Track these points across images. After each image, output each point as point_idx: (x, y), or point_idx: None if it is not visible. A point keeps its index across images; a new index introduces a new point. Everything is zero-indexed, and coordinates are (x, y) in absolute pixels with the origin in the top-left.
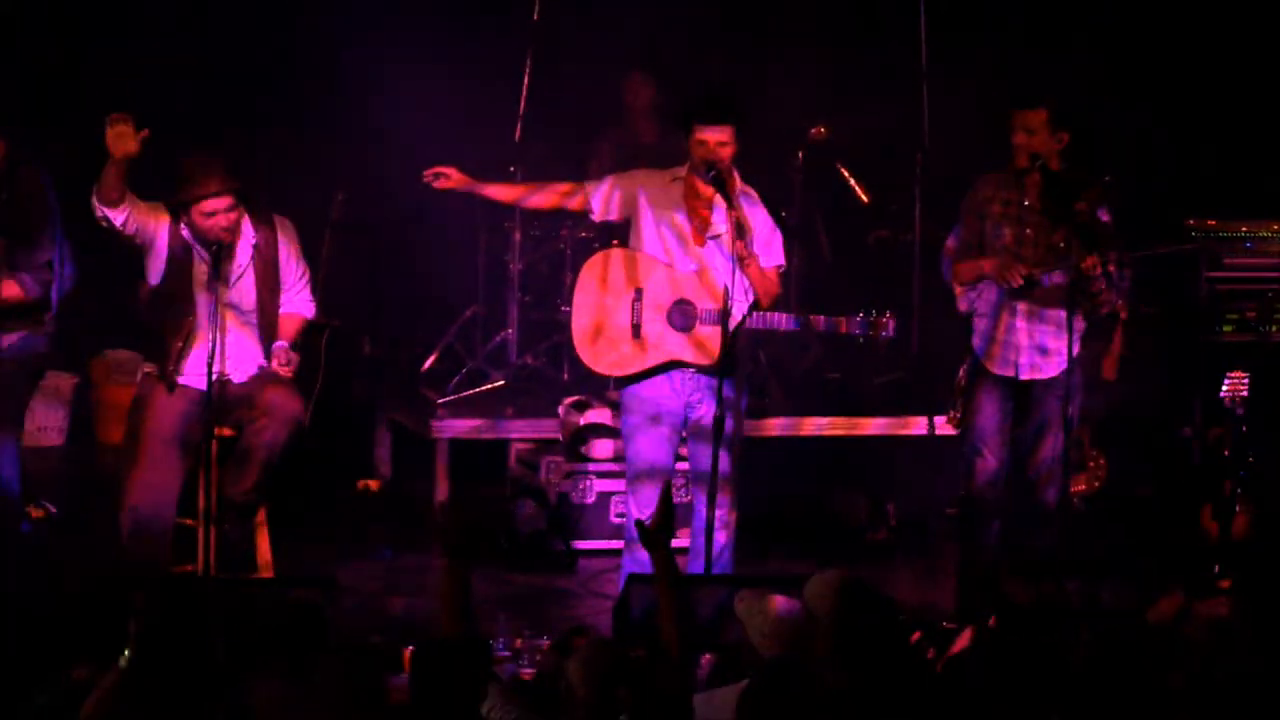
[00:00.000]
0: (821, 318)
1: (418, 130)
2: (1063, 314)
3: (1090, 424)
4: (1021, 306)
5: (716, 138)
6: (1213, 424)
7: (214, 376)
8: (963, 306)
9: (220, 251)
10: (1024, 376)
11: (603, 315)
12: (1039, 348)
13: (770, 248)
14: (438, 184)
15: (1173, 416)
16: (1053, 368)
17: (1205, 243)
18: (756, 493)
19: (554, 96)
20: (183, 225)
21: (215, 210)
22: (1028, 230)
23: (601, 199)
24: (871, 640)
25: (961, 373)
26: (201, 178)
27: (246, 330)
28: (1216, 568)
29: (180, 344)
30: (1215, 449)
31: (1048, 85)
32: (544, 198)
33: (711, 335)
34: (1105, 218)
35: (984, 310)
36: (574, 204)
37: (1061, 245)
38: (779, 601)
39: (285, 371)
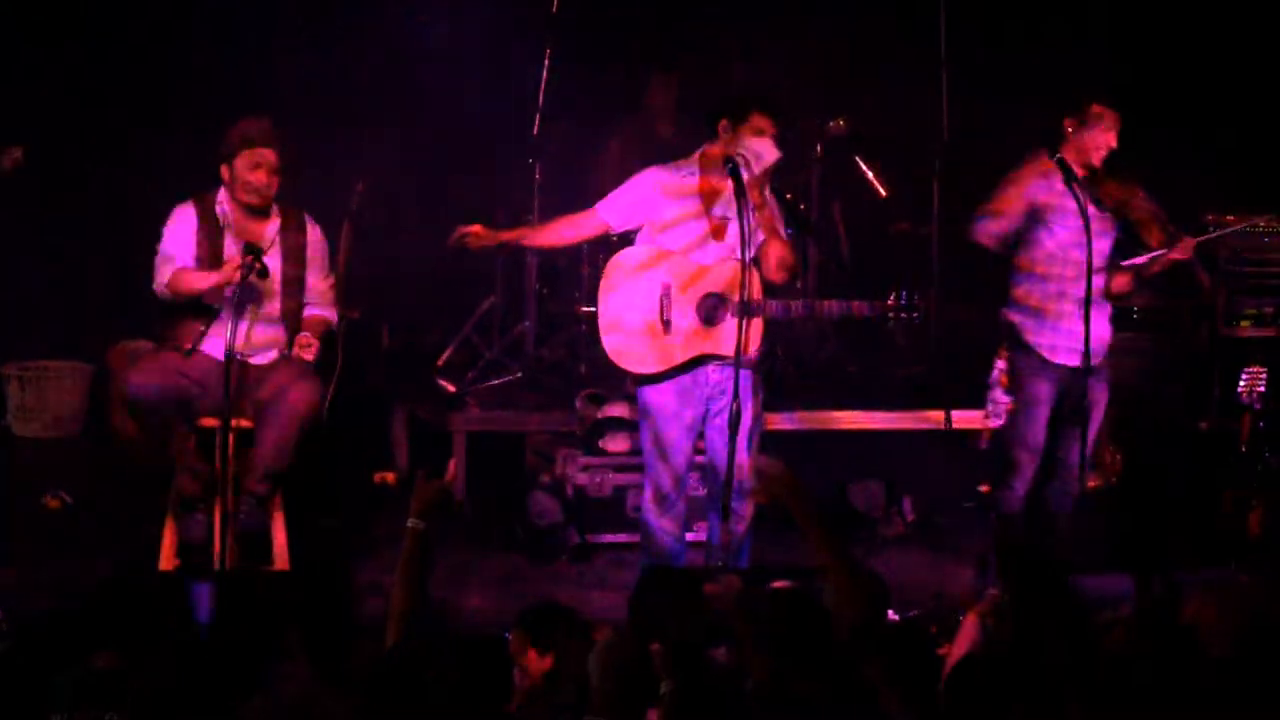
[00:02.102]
0: (862, 302)
1: (438, 121)
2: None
3: (1107, 419)
4: (1080, 295)
5: (757, 125)
6: (1230, 419)
7: (234, 358)
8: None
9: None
10: (1083, 364)
11: (631, 312)
12: (1098, 336)
13: (784, 237)
14: (467, 243)
15: (1190, 411)
16: (1102, 355)
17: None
18: None
19: (571, 92)
20: (219, 200)
21: (260, 162)
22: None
23: (617, 213)
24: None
25: (1001, 366)
26: (253, 130)
27: (269, 315)
28: (1233, 563)
29: (203, 327)
30: (1232, 444)
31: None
32: (564, 233)
33: (736, 326)
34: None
35: (1039, 301)
36: (591, 230)
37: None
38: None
39: (306, 354)
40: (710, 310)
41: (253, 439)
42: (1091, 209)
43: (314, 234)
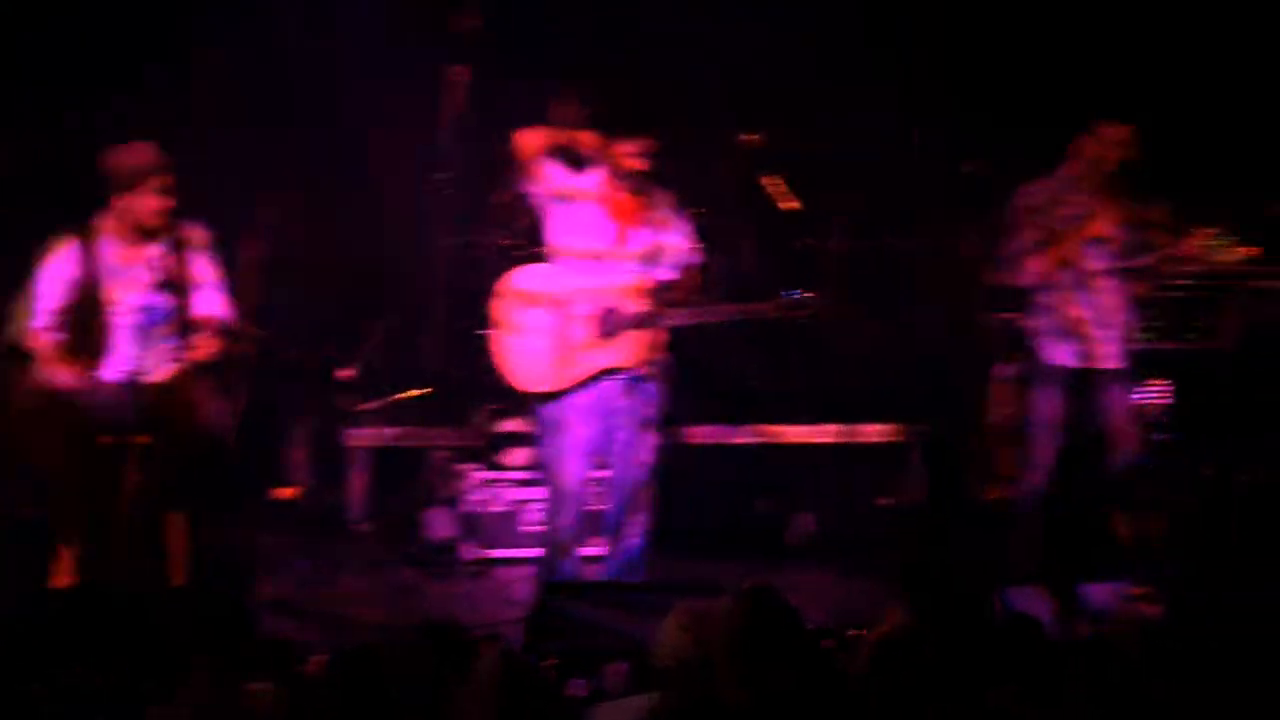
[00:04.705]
0: (743, 305)
1: (353, 135)
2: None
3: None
4: (1099, 298)
5: (635, 149)
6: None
7: (130, 376)
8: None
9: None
10: (1089, 365)
11: (528, 329)
12: (1109, 337)
13: (687, 250)
14: None
15: (1091, 423)
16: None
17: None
18: (677, 499)
19: (489, 103)
20: (103, 233)
21: (156, 190)
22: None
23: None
24: (772, 656)
25: (1013, 370)
26: (144, 159)
27: (162, 332)
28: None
29: (96, 346)
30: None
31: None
32: None
33: (637, 340)
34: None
35: (1053, 302)
36: None
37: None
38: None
39: (196, 355)
40: (608, 323)
41: (152, 455)
42: (1102, 222)
43: (194, 237)
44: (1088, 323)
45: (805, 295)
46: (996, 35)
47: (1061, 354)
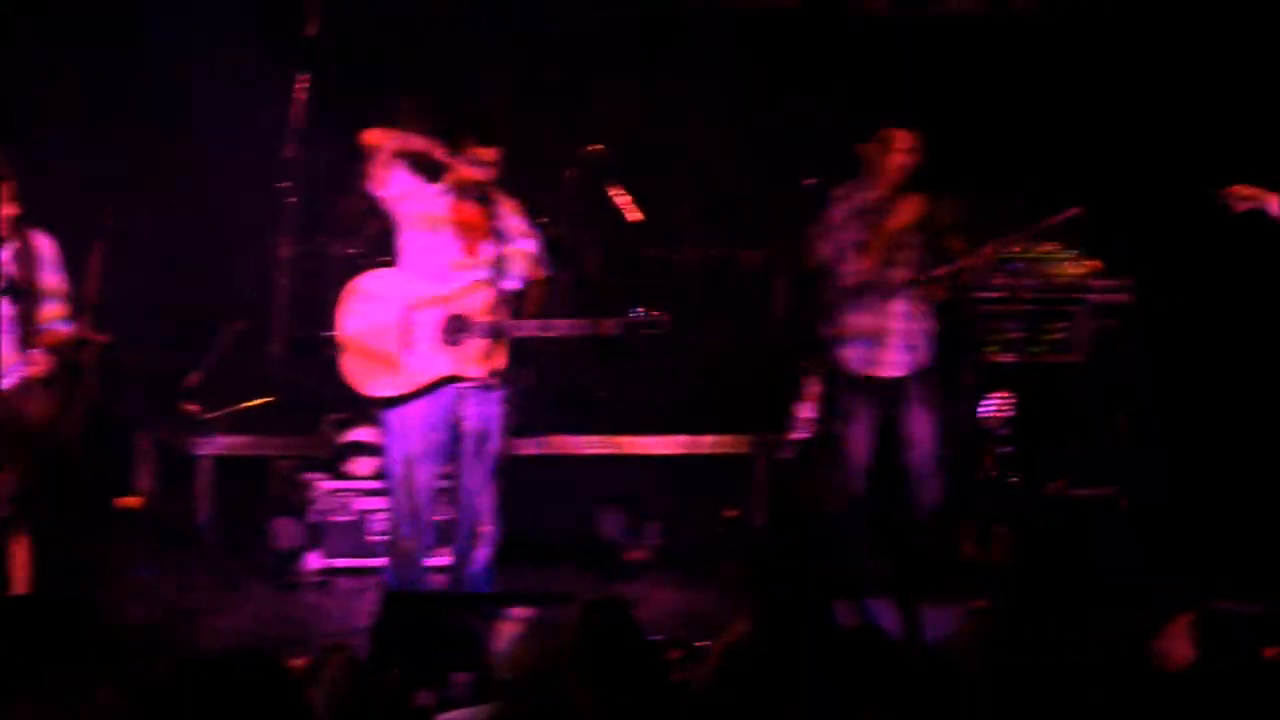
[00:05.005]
0: (590, 320)
1: (201, 141)
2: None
3: None
4: (900, 306)
5: (482, 158)
6: (975, 444)
7: None
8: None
9: None
10: (882, 374)
11: (372, 334)
12: (910, 345)
13: (534, 259)
14: None
15: (938, 436)
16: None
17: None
18: (520, 510)
19: (326, 114)
20: None
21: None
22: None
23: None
24: (619, 665)
25: (816, 382)
26: None
27: (6, 341)
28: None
29: None
30: (977, 469)
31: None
32: None
33: (481, 348)
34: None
35: (853, 309)
36: None
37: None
38: (511, 626)
39: (34, 370)
40: (453, 331)
41: None
42: (893, 227)
43: (41, 247)
44: (884, 331)
45: (652, 314)
46: (840, 49)
47: (858, 361)
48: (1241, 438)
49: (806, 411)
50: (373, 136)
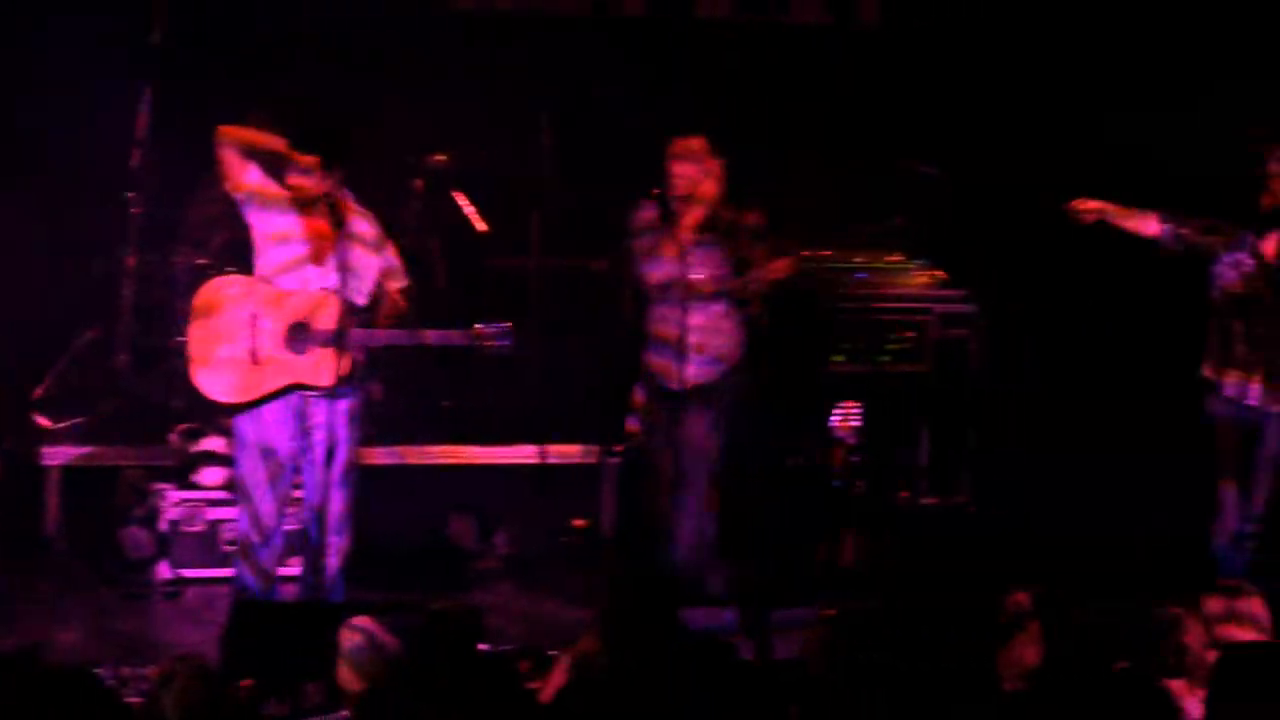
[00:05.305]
0: (433, 331)
1: (40, 151)
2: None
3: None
4: (698, 317)
5: (303, 164)
6: (825, 453)
7: None
8: None
9: None
10: (678, 385)
11: (219, 342)
12: (709, 356)
13: (389, 269)
14: None
15: (786, 446)
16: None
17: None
18: (370, 520)
19: (171, 124)
20: None
21: None
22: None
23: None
24: (467, 675)
25: (640, 391)
26: None
27: None
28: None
29: None
30: (825, 478)
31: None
32: None
33: (328, 357)
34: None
35: (656, 319)
36: None
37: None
38: (361, 635)
39: None
40: (297, 339)
41: None
42: (688, 238)
43: None
44: (681, 340)
45: (500, 326)
46: (684, 57)
47: (660, 370)
48: (1088, 444)
49: (631, 423)
50: (229, 130)
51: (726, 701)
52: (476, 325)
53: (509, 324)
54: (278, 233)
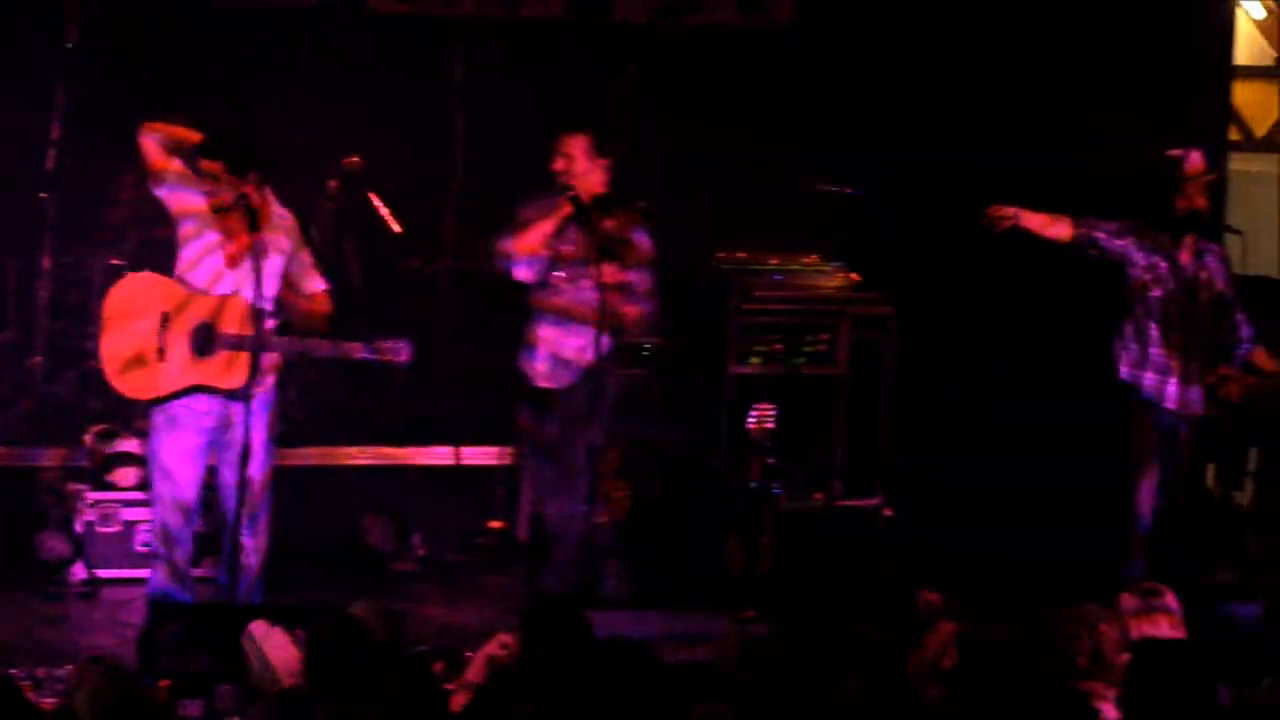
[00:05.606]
0: (329, 343)
1: None
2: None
3: (617, 453)
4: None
5: (211, 170)
6: (740, 456)
7: None
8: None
9: None
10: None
11: (129, 340)
12: (560, 359)
13: (305, 272)
14: None
15: (700, 448)
16: (569, 378)
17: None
18: (286, 522)
19: (86, 125)
20: None
21: None
22: (564, 249)
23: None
24: (375, 677)
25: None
26: None
27: None
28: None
29: None
30: (740, 481)
31: (593, 113)
32: None
33: (233, 360)
34: (641, 240)
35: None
36: None
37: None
38: (275, 635)
39: None
40: (201, 341)
41: None
42: (583, 239)
43: None
44: (545, 342)
45: (398, 343)
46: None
47: (532, 371)
48: (1003, 445)
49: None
50: (154, 124)
51: (638, 702)
52: (376, 340)
53: (407, 339)
54: (194, 233)
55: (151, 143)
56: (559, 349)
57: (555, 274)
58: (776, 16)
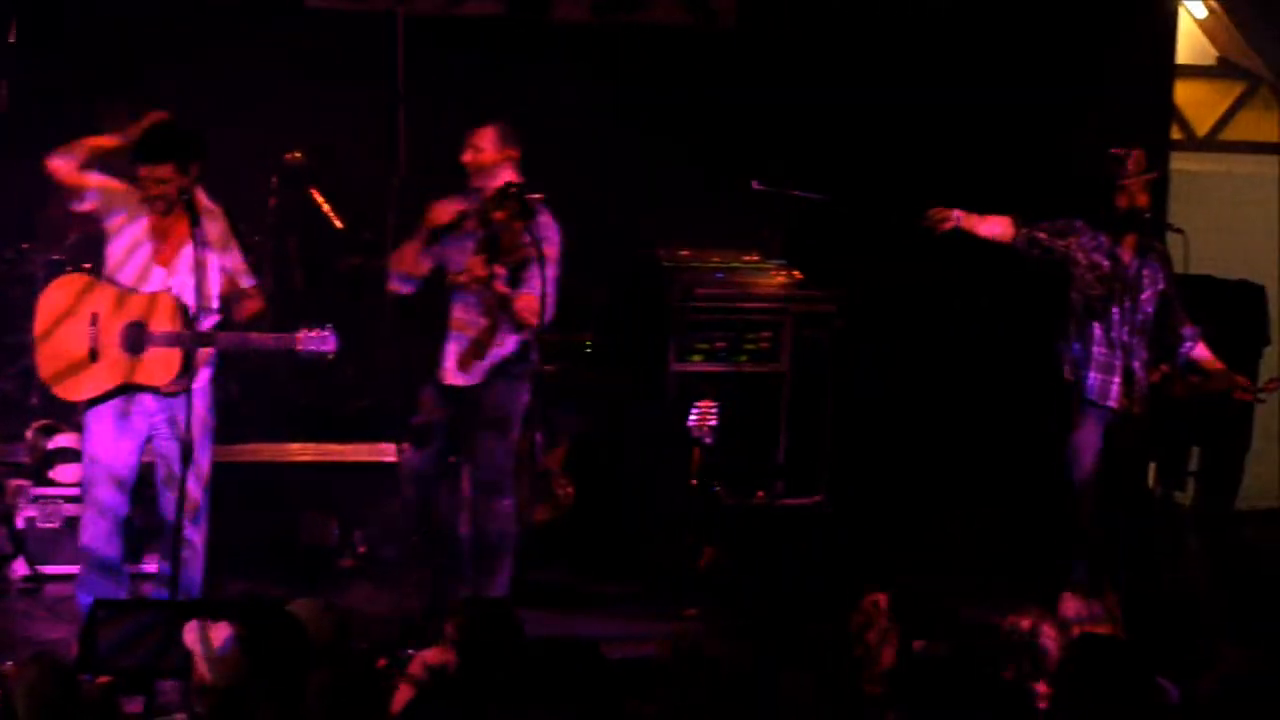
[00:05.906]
0: (255, 335)
1: None
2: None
3: (561, 450)
4: (460, 310)
5: (156, 175)
6: (682, 454)
7: None
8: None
9: None
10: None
11: (62, 339)
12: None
13: (236, 268)
14: None
15: (642, 445)
16: (476, 376)
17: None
18: (227, 518)
19: (34, 117)
20: None
21: None
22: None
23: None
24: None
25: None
26: None
27: None
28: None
29: None
30: (683, 479)
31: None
32: None
33: (165, 357)
34: (542, 229)
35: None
36: None
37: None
38: (216, 631)
39: None
40: (133, 339)
41: None
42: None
43: None
44: (452, 335)
45: (322, 333)
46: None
47: (440, 370)
48: (946, 444)
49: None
50: (54, 163)
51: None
52: (299, 331)
53: (330, 328)
54: (124, 232)
55: (62, 166)
56: (462, 346)
57: (452, 275)
58: (720, 19)
